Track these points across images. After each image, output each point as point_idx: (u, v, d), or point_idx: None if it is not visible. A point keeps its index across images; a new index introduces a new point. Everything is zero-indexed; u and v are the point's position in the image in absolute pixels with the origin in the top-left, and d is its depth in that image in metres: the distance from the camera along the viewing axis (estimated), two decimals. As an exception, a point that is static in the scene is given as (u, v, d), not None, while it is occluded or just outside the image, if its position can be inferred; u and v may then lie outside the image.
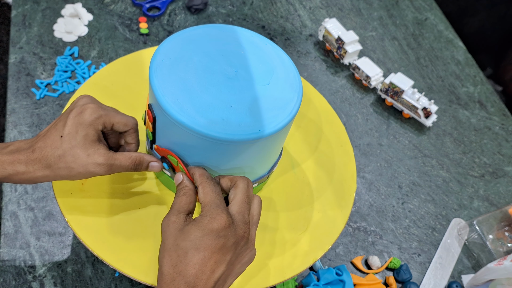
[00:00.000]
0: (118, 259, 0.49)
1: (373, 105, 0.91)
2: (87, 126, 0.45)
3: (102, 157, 0.45)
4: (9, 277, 0.61)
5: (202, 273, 0.39)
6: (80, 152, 0.44)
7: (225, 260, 0.40)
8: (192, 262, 0.40)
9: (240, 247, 0.42)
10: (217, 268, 0.40)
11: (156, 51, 0.47)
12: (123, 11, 0.93)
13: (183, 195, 0.44)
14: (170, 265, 0.40)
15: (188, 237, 0.40)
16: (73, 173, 0.45)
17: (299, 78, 0.49)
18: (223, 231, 0.40)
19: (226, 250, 0.40)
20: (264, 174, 0.54)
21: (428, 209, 0.79)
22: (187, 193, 0.44)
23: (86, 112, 0.46)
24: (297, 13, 1.02)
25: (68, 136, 0.44)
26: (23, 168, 0.44)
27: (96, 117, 0.46)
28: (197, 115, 0.42)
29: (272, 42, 0.52)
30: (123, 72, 0.63)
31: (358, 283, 0.67)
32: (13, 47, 0.83)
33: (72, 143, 0.44)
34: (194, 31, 0.50)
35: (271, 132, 0.44)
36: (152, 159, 0.49)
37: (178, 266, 0.40)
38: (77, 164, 0.44)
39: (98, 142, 0.46)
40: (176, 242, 0.41)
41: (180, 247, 0.40)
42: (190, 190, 0.45)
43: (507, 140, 0.92)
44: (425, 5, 1.13)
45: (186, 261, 0.40)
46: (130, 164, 0.47)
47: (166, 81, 0.44)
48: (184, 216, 0.42)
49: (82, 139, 0.45)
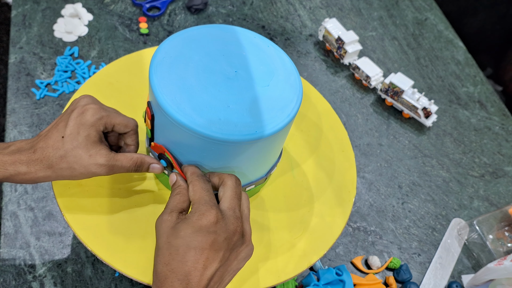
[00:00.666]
0: (117, 258, 0.49)
1: (373, 105, 0.91)
2: (89, 127, 0.45)
3: (103, 157, 0.45)
4: (9, 277, 0.61)
5: (194, 269, 0.39)
6: (82, 152, 0.45)
7: (218, 256, 0.40)
8: (183, 259, 0.40)
9: (234, 243, 0.42)
10: (209, 264, 0.40)
11: (157, 49, 0.47)
12: (123, 11, 0.93)
13: (177, 194, 0.45)
14: (163, 263, 0.40)
15: (179, 234, 0.40)
16: (75, 173, 0.45)
17: (300, 80, 0.49)
18: (212, 227, 0.40)
19: (218, 246, 0.40)
20: (262, 175, 0.54)
21: (428, 209, 0.79)
22: (181, 192, 0.45)
23: (88, 112, 0.46)
24: (297, 13, 1.02)
25: (70, 137, 0.45)
26: (25, 168, 0.44)
27: (97, 118, 0.46)
28: (194, 114, 0.42)
29: (274, 43, 0.52)
30: (123, 72, 0.63)
31: (358, 283, 0.67)
32: (13, 47, 0.83)
33: (74, 144, 0.44)
34: (195, 31, 0.50)
35: (270, 133, 0.44)
36: (153, 161, 0.49)
37: (171, 264, 0.40)
38: (79, 164, 0.45)
39: (99, 142, 0.46)
40: (168, 240, 0.41)
41: (171, 244, 0.40)
42: (183, 189, 0.45)
43: (507, 140, 0.92)
44: (425, 5, 1.13)
45: (178, 259, 0.40)
46: (131, 165, 0.47)
47: (165, 79, 0.44)
48: (177, 214, 0.42)
49: (84, 139, 0.45)
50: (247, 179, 0.51)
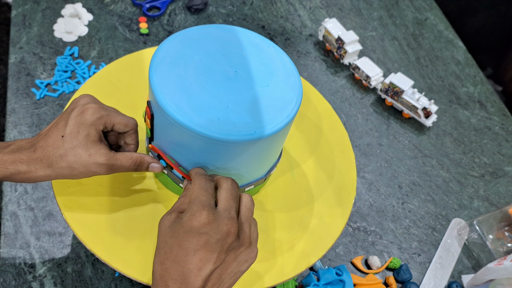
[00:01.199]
0: (116, 257, 0.49)
1: (373, 105, 0.91)
2: (89, 126, 0.45)
3: (103, 157, 0.45)
4: (9, 277, 0.61)
5: (188, 270, 0.39)
6: (82, 151, 0.45)
7: (212, 258, 0.40)
8: (176, 259, 0.40)
9: (228, 244, 0.41)
10: (203, 265, 0.39)
11: (157, 49, 0.47)
12: (123, 11, 0.93)
13: (182, 196, 0.45)
14: (159, 262, 0.41)
15: (173, 234, 0.41)
16: (74, 172, 0.45)
17: (300, 81, 0.49)
18: (203, 227, 0.40)
19: (211, 247, 0.40)
20: (262, 176, 0.53)
21: (428, 209, 0.79)
22: (186, 194, 0.45)
23: (88, 112, 0.46)
24: (297, 13, 1.02)
25: (70, 136, 0.45)
26: (25, 167, 0.44)
27: (97, 117, 0.46)
28: (194, 114, 0.42)
29: (274, 43, 0.52)
30: (123, 72, 0.63)
31: (358, 283, 0.67)
32: (13, 47, 0.83)
33: (74, 143, 0.45)
34: (196, 31, 0.50)
35: (269, 133, 0.44)
36: (153, 160, 0.49)
37: (165, 263, 0.40)
38: (79, 163, 0.45)
39: (99, 142, 0.46)
40: (164, 239, 0.41)
41: (167, 244, 0.41)
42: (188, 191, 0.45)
43: (507, 140, 0.92)
44: (425, 5, 1.13)
45: (171, 258, 0.40)
46: (131, 164, 0.48)
47: (165, 79, 0.44)
48: (176, 214, 0.42)
49: (84, 139, 0.45)
50: (246, 179, 0.51)
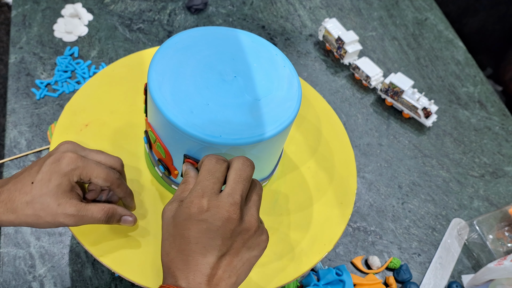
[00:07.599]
0: (114, 259, 0.48)
1: (373, 105, 0.91)
2: (62, 176, 0.43)
3: (73, 207, 0.44)
4: (9, 277, 0.61)
5: (193, 259, 0.38)
6: (51, 200, 0.43)
7: (216, 245, 0.38)
8: (180, 248, 0.39)
9: (232, 230, 0.39)
10: (207, 252, 0.38)
11: (158, 50, 0.47)
12: (123, 11, 0.93)
13: (182, 183, 0.43)
14: (165, 253, 0.40)
15: (175, 223, 0.39)
16: (40, 221, 0.43)
17: (299, 83, 0.49)
18: (201, 215, 0.39)
19: (213, 234, 0.38)
20: (263, 178, 0.53)
21: (428, 209, 0.79)
22: (186, 180, 0.43)
23: (64, 160, 0.44)
24: (297, 13, 1.02)
25: (40, 183, 0.43)
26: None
27: (72, 168, 0.44)
28: (193, 117, 0.42)
29: (274, 45, 0.52)
30: (123, 73, 0.63)
31: (358, 283, 0.67)
32: (13, 47, 0.83)
33: (43, 191, 0.43)
34: (196, 32, 0.50)
35: (270, 136, 0.44)
36: (126, 213, 0.48)
37: (170, 253, 0.39)
38: (46, 212, 0.43)
39: (70, 192, 0.44)
40: (167, 230, 0.40)
41: (170, 234, 0.40)
42: (189, 177, 0.43)
43: (507, 140, 0.92)
44: (425, 5, 1.13)
45: (175, 248, 0.39)
46: (102, 216, 0.46)
47: (165, 79, 0.44)
48: (177, 203, 0.41)
49: (55, 188, 0.43)
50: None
